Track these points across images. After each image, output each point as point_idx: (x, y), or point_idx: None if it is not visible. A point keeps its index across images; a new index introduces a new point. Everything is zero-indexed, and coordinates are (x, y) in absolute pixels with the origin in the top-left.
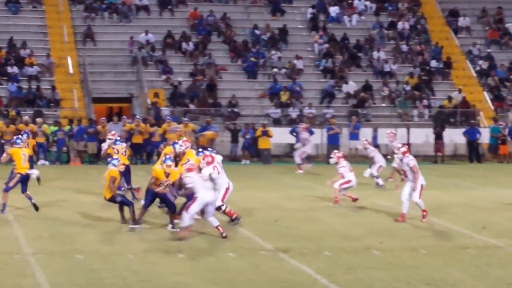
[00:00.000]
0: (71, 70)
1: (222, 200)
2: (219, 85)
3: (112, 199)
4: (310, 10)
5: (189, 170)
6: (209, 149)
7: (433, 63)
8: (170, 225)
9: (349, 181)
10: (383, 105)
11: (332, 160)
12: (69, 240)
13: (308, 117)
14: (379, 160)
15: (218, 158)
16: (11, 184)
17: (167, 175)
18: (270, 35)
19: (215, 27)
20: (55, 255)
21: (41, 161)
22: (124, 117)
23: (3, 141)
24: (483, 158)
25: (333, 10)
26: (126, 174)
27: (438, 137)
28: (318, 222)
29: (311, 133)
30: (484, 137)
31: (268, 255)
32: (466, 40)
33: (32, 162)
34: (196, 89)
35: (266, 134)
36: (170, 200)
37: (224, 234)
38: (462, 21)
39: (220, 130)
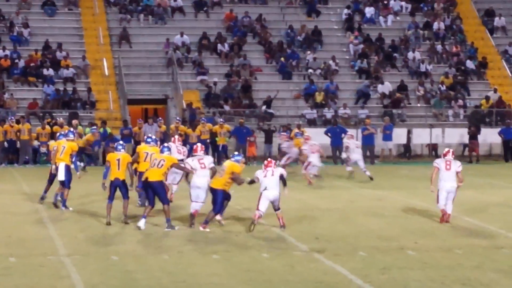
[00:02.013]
0: (106, 72)
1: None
2: (254, 86)
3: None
4: (345, 10)
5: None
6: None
7: (469, 63)
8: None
9: None
10: (418, 105)
11: None
12: (104, 241)
13: (343, 118)
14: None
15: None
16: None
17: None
18: (305, 36)
19: (250, 28)
20: (90, 256)
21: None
22: (160, 118)
23: (38, 143)
24: None
25: (368, 11)
26: None
27: (473, 137)
28: (352, 222)
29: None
30: None
31: (302, 255)
32: (502, 40)
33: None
34: (231, 90)
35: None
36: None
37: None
38: (497, 21)
39: (254, 131)
